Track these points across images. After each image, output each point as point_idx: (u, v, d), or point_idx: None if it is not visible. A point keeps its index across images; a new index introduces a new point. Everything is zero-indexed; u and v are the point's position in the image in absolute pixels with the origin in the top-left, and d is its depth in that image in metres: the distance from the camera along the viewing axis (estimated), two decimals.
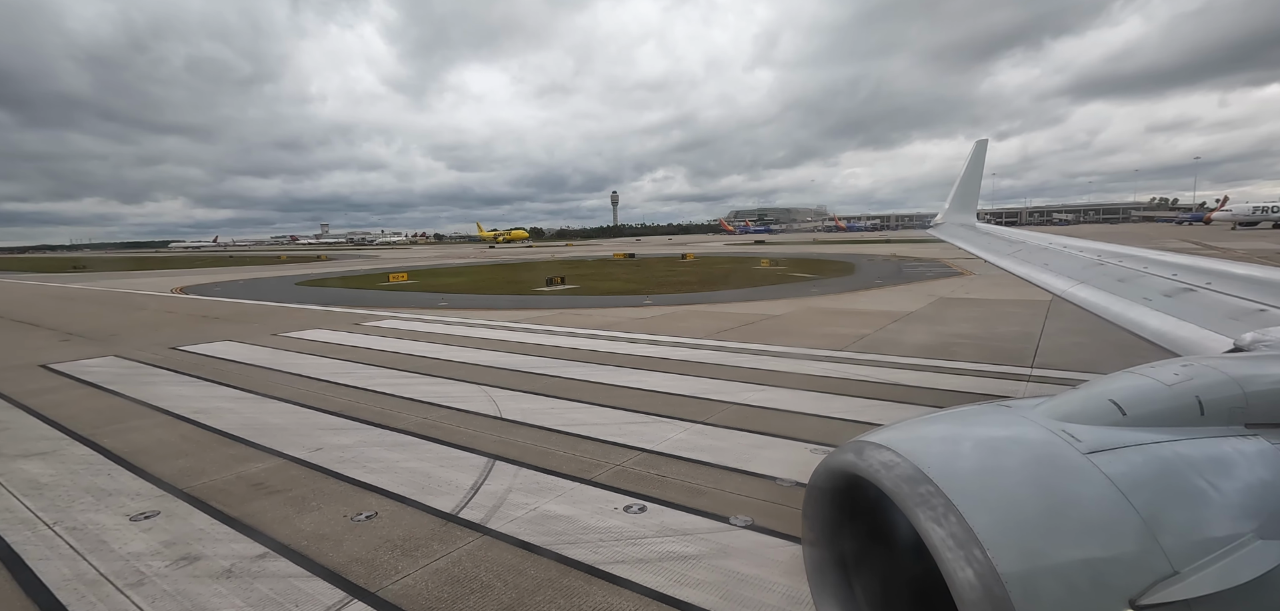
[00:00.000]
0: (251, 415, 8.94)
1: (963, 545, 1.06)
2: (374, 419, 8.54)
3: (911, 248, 60.43)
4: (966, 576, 1.03)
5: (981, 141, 11.59)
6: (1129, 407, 1.39)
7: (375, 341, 15.17)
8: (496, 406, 8.98)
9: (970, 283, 25.21)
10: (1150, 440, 1.32)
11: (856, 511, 1.44)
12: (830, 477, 1.40)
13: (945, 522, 1.09)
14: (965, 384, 9.85)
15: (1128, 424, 1.36)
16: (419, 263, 61.40)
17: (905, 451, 1.24)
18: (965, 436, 1.36)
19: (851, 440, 1.35)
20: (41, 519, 5.66)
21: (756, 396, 9.24)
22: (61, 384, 11.25)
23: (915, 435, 1.34)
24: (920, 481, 1.17)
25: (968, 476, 1.18)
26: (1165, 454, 1.29)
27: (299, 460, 7.04)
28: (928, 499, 1.14)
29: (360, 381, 10.81)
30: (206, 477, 6.57)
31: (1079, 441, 1.28)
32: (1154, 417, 1.38)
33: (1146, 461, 1.26)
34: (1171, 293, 3.90)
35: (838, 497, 1.43)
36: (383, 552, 4.94)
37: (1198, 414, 1.42)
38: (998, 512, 1.11)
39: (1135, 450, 1.28)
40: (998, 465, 1.25)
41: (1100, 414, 1.38)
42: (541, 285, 30.42)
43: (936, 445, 1.29)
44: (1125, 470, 1.21)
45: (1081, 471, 1.21)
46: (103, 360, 13.44)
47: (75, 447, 7.67)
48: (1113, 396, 1.43)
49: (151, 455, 7.32)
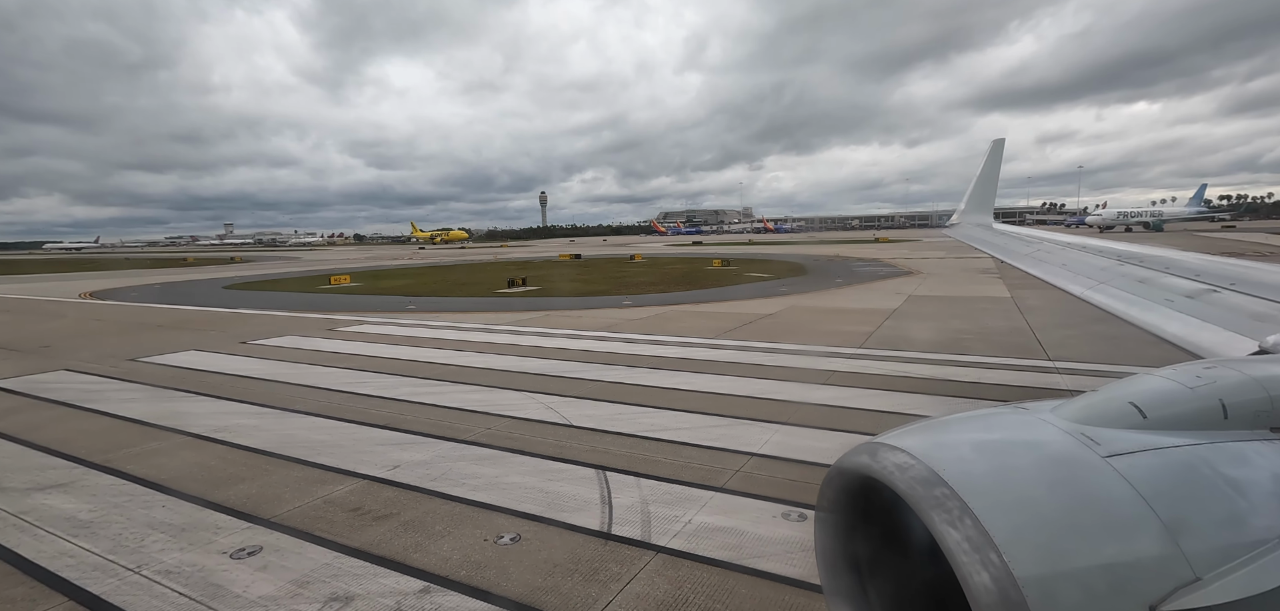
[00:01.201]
0: (286, 431, 8.05)
1: (978, 548, 1.04)
2: (433, 431, 7.90)
3: (837, 248, 63.13)
4: (982, 580, 1.01)
5: (998, 141, 11.70)
6: (1150, 410, 1.37)
7: (362, 347, 14.14)
8: (558, 413, 8.53)
9: (926, 281, 26.54)
10: (1172, 443, 1.29)
11: (870, 513, 1.42)
12: (844, 479, 1.38)
13: (960, 526, 1.07)
14: (1006, 377, 10.24)
15: (1148, 427, 1.33)
16: (351, 264, 58.13)
17: (920, 453, 1.22)
18: (981, 439, 1.34)
19: (865, 441, 1.33)
20: (118, 563, 4.82)
21: (823, 395, 9.25)
22: (20, 404, 9.74)
23: (930, 437, 1.32)
24: (935, 484, 1.15)
25: (983, 479, 1.16)
26: (1187, 457, 1.26)
27: (383, 480, 6.38)
28: (943, 501, 1.12)
29: (378, 390, 9.99)
30: (289, 504, 5.83)
31: (1098, 444, 1.26)
32: (1176, 421, 1.35)
33: (1168, 465, 1.23)
34: (1193, 294, 3.84)
35: (851, 499, 1.41)
36: (561, 579, 4.52)
37: (1221, 417, 1.38)
38: (1014, 516, 1.09)
39: (1156, 453, 1.25)
40: (1014, 468, 1.22)
41: (1120, 417, 1.36)
42: (502, 287, 29.49)
43: (951, 447, 1.27)
44: (1146, 474, 1.19)
45: (1100, 474, 1.19)
46: (54, 375, 11.78)
47: (97, 477, 6.62)
48: (1133, 399, 1.41)
49: (199, 480, 6.43)
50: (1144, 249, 5.53)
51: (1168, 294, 4.02)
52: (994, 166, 11.95)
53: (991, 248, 9.70)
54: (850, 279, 29.32)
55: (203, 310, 22.80)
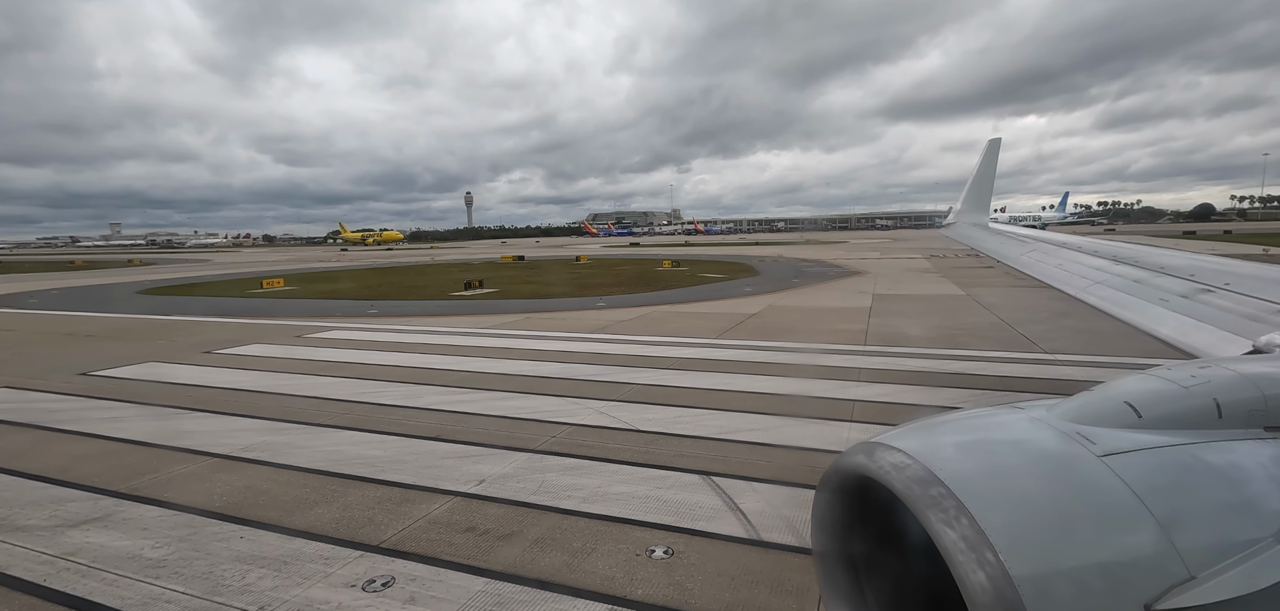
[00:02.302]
0: (328, 447, 7.33)
1: (975, 547, 1.05)
2: (497, 441, 7.42)
3: (774, 250, 65.11)
4: (979, 579, 1.02)
5: (994, 140, 11.61)
6: (1144, 410, 1.38)
7: (348, 355, 13.18)
8: (616, 418, 8.25)
9: (879, 281, 27.77)
10: (1166, 442, 1.30)
11: (867, 513, 1.42)
12: (840, 479, 1.38)
13: (957, 525, 1.08)
14: (1020, 370, 10.85)
15: (1143, 426, 1.35)
16: (273, 267, 54.30)
17: (916, 453, 1.23)
18: (977, 438, 1.35)
19: (862, 441, 1.34)
20: (235, 605, 4.20)
21: (872, 392, 9.45)
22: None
23: (926, 437, 1.33)
24: (931, 483, 1.16)
25: (980, 478, 1.17)
26: (1182, 456, 1.27)
27: (477, 495, 5.93)
28: (939, 501, 1.13)
29: (404, 399, 9.33)
30: (392, 528, 5.29)
31: (1093, 443, 1.27)
32: (1170, 420, 1.37)
33: (1162, 464, 1.24)
34: (1187, 294, 3.85)
35: (848, 499, 1.41)
36: (763, 594, 4.33)
37: (1216, 416, 1.40)
38: (1010, 515, 1.10)
39: (1151, 452, 1.26)
40: (1010, 467, 1.23)
41: (1115, 416, 1.37)
42: (455, 289, 28.44)
43: (948, 447, 1.28)
44: (1141, 472, 1.20)
45: (1096, 473, 1.20)
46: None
47: (136, 508, 5.76)
48: (1128, 398, 1.42)
49: (263, 507, 5.74)
50: (1139, 250, 5.67)
51: (1162, 294, 4.04)
52: (990, 165, 11.85)
53: (988, 246, 10.05)
54: (805, 279, 30.11)
55: (133, 318, 20.54)
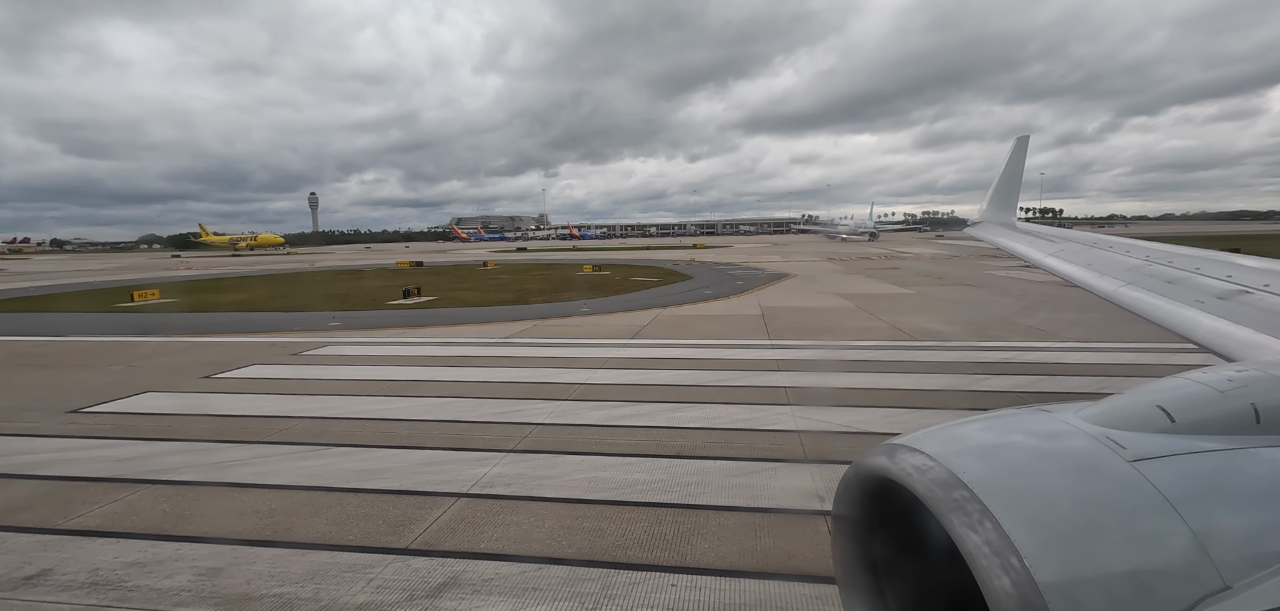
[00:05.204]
0: (414, 464, 6.89)
1: (999, 553, 1.03)
2: (586, 449, 7.42)
3: (668, 253, 65.53)
4: (1002, 585, 1.00)
5: (1022, 138, 10.87)
6: (1178, 414, 1.35)
7: (362, 372, 12.22)
8: (680, 418, 8.46)
9: (821, 281, 29.26)
10: (1201, 448, 1.27)
11: (888, 515, 1.42)
12: (861, 480, 1.38)
13: (980, 529, 1.07)
14: (1051, 357, 12.09)
15: (1177, 431, 1.32)
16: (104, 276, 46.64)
17: (939, 455, 1.23)
18: (1002, 441, 1.33)
19: (883, 442, 1.35)
20: None
21: (941, 382, 10.32)
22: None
23: (949, 439, 1.32)
24: (955, 486, 1.15)
25: (1004, 482, 1.17)
26: (1217, 463, 1.24)
27: (603, 502, 5.98)
28: (962, 504, 1.12)
29: (461, 415, 8.93)
30: (606, 539, 5.15)
31: (1124, 448, 1.25)
32: (1205, 425, 1.34)
33: (1197, 470, 1.21)
34: (1225, 294, 3.67)
35: (869, 500, 1.41)
36: None
37: (1253, 422, 1.36)
38: (1036, 520, 1.09)
39: (1184, 458, 1.23)
40: (1036, 471, 1.22)
41: (1147, 420, 1.35)
42: (392, 297, 26.57)
43: (972, 449, 1.27)
44: (1174, 479, 1.17)
45: (1126, 479, 1.18)
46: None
47: (258, 557, 5.03)
48: (1160, 402, 1.39)
49: (358, 533, 5.42)
50: (1174, 248, 5.44)
51: (1198, 294, 3.85)
52: (1017, 164, 10.96)
53: (1016, 245, 9.29)
54: (752, 282, 30.17)
55: (89, 340, 16.87)
